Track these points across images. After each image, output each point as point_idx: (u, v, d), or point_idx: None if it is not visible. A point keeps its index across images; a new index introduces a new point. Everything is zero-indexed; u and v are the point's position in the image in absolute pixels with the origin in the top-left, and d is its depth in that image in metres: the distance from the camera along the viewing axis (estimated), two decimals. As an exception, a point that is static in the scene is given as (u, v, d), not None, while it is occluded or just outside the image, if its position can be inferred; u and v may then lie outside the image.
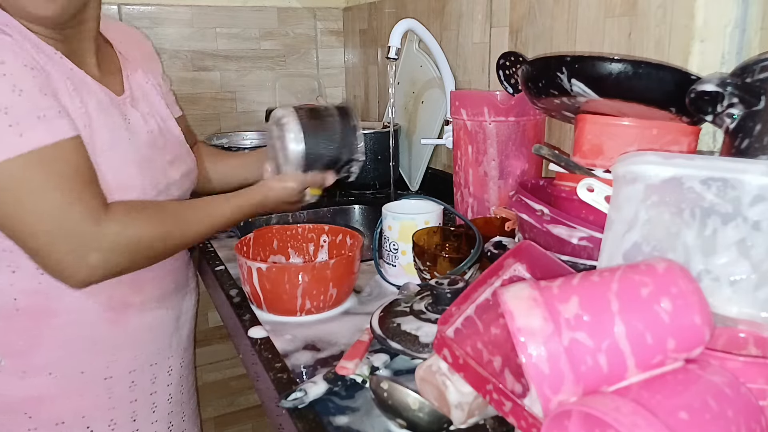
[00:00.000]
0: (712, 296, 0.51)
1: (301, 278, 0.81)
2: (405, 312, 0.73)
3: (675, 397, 0.42)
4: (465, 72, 1.34)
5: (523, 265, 0.63)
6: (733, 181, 0.52)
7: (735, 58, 0.78)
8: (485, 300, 0.60)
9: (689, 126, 0.72)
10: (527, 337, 0.44)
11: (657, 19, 0.85)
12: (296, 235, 1.01)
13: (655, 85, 0.69)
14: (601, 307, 0.45)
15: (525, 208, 0.72)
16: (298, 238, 1.01)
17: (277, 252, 1.00)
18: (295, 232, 1.01)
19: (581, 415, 0.45)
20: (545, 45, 1.08)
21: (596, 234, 0.65)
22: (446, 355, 0.55)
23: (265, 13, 1.88)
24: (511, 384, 0.53)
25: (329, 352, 0.74)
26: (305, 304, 0.83)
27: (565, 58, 0.72)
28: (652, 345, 0.44)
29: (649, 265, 0.47)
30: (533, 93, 0.80)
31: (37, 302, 0.82)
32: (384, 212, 0.96)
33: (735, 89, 0.60)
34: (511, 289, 0.48)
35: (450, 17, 1.38)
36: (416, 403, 0.56)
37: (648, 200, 0.56)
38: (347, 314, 0.85)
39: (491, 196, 1.04)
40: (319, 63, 2.01)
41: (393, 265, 0.95)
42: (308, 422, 0.59)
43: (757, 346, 0.52)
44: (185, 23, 1.79)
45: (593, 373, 0.44)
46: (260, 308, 0.85)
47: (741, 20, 0.77)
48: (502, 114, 1.00)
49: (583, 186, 0.66)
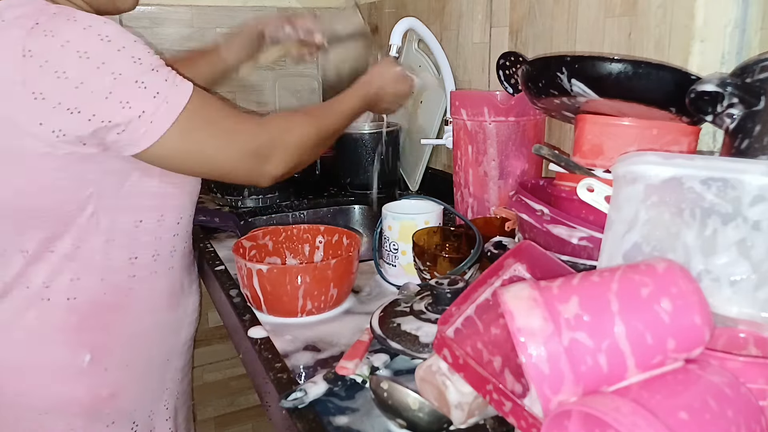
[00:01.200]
0: (712, 296, 0.51)
1: (303, 279, 0.81)
2: (405, 312, 0.73)
3: (675, 397, 0.42)
4: (465, 72, 1.34)
5: (523, 265, 0.63)
6: (733, 181, 0.52)
7: (735, 58, 0.78)
8: (485, 300, 0.60)
9: (689, 126, 0.72)
10: (527, 337, 0.44)
11: (657, 19, 0.85)
12: (291, 236, 1.00)
13: (655, 85, 0.69)
14: (601, 307, 0.45)
15: (525, 208, 0.72)
16: (293, 239, 1.01)
17: (273, 254, 0.99)
18: (290, 234, 1.00)
19: (581, 415, 0.45)
20: (545, 45, 1.08)
21: (596, 234, 0.65)
22: (446, 355, 0.55)
23: (265, 13, 1.88)
24: (511, 384, 0.53)
25: (329, 353, 0.74)
26: (306, 304, 0.83)
27: (565, 58, 0.72)
28: (652, 345, 0.44)
29: (649, 265, 0.47)
30: (533, 93, 0.80)
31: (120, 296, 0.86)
32: (384, 212, 0.96)
33: (735, 89, 0.60)
34: (511, 289, 0.48)
35: (450, 17, 1.38)
36: (416, 403, 0.56)
37: (648, 200, 0.56)
38: (347, 314, 0.85)
39: (491, 196, 1.04)
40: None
41: (393, 265, 0.95)
42: (308, 422, 0.59)
43: (757, 346, 0.52)
44: (185, 23, 1.79)
45: (593, 373, 0.44)
46: (260, 310, 0.85)
47: (741, 20, 0.77)
48: (502, 114, 1.00)
49: (583, 186, 0.66)
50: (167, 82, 0.74)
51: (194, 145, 0.77)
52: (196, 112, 0.76)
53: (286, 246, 1.00)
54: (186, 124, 0.75)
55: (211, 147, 0.79)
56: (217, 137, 0.79)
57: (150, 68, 0.73)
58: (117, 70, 0.70)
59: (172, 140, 0.75)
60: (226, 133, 0.79)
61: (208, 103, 0.79)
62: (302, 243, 1.01)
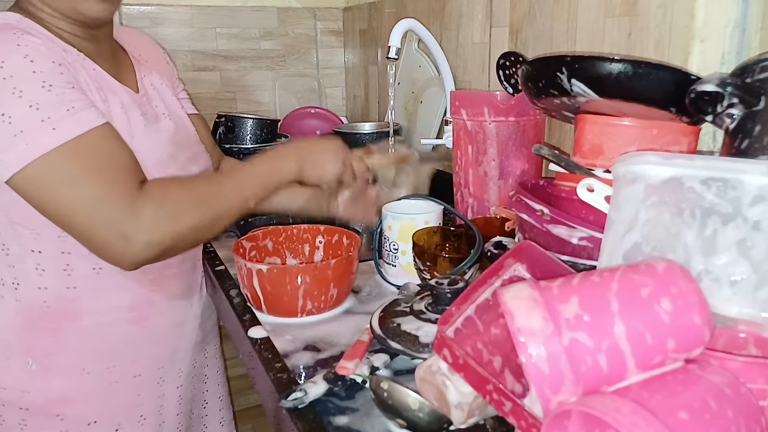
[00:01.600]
0: (712, 296, 0.51)
1: (303, 279, 0.81)
2: (405, 312, 0.73)
3: (675, 397, 0.42)
4: (465, 72, 1.34)
5: (523, 265, 0.63)
6: (733, 181, 0.52)
7: (735, 58, 0.78)
8: (485, 300, 0.60)
9: (689, 126, 0.72)
10: (527, 337, 0.44)
11: (657, 19, 0.85)
12: (291, 236, 1.00)
13: (655, 85, 0.69)
14: (601, 307, 0.45)
15: (525, 208, 0.72)
16: (293, 239, 1.00)
17: (273, 254, 0.99)
18: (291, 234, 1.00)
19: (581, 415, 0.45)
20: (545, 45, 1.08)
21: (596, 234, 0.65)
22: (446, 355, 0.55)
23: (265, 13, 1.88)
24: (511, 384, 0.53)
25: (329, 353, 0.74)
26: (306, 304, 0.83)
27: (565, 58, 0.72)
28: (652, 345, 0.44)
29: (649, 265, 0.47)
30: (533, 93, 0.80)
31: (65, 304, 0.85)
32: (384, 212, 0.96)
33: (735, 89, 0.60)
34: (511, 289, 0.48)
35: (450, 17, 1.38)
36: (416, 403, 0.56)
37: (648, 200, 0.56)
38: (347, 314, 0.85)
39: (491, 196, 1.04)
40: (319, 63, 2.01)
41: (393, 265, 0.95)
42: (308, 422, 0.59)
43: (757, 346, 0.52)
44: (185, 23, 1.79)
45: (593, 373, 0.44)
46: (260, 310, 0.85)
47: (741, 20, 0.77)
48: (502, 114, 1.00)
49: (583, 186, 0.66)
50: (43, 122, 0.69)
51: (50, 198, 0.71)
52: (65, 162, 0.70)
53: (286, 246, 1.00)
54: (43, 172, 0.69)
55: (75, 195, 0.70)
56: (77, 198, 0.70)
57: (28, 104, 0.69)
58: (19, 87, 0.69)
59: (23, 183, 0.70)
60: (91, 197, 0.70)
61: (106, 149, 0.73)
62: (302, 243, 1.01)
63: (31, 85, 0.69)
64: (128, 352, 0.92)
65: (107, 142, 0.74)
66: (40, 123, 0.69)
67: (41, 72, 0.71)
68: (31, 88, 0.69)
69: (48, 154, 0.69)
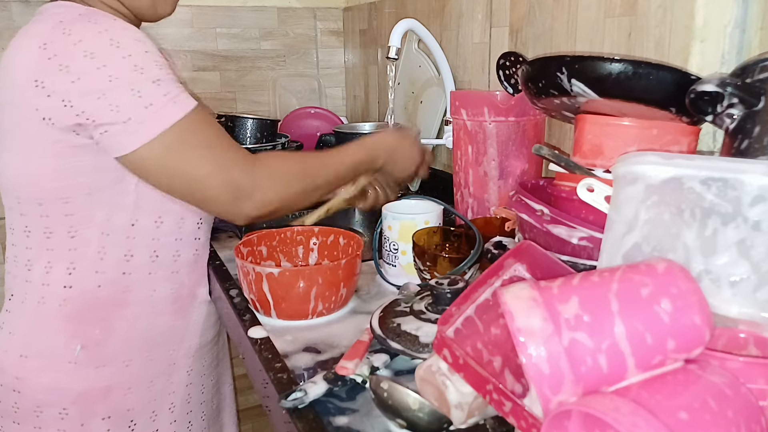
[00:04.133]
0: (712, 296, 0.51)
1: (316, 280, 0.80)
2: (405, 312, 0.73)
3: (675, 398, 0.42)
4: (465, 72, 1.34)
5: (523, 265, 0.63)
6: (733, 182, 0.52)
7: (735, 58, 0.78)
8: (485, 300, 0.60)
9: (689, 126, 0.72)
10: (527, 337, 0.44)
11: (657, 19, 0.85)
12: (285, 239, 0.98)
13: (655, 85, 0.69)
14: (601, 308, 0.45)
15: (525, 208, 0.72)
16: (286, 242, 0.99)
17: (267, 258, 0.97)
18: (284, 237, 0.98)
19: (581, 415, 0.45)
20: (545, 45, 1.08)
21: (596, 234, 0.65)
22: (446, 355, 0.55)
23: (265, 13, 1.88)
24: (511, 384, 0.53)
25: (330, 354, 0.74)
26: (318, 306, 0.82)
27: (565, 58, 0.72)
28: (652, 345, 0.44)
29: (649, 265, 0.47)
30: (533, 93, 0.80)
31: (116, 291, 0.88)
32: (384, 212, 0.96)
33: (735, 89, 0.60)
34: (511, 289, 0.48)
35: (450, 17, 1.38)
36: (416, 403, 0.56)
37: (648, 200, 0.56)
38: (348, 315, 0.85)
39: (491, 196, 1.04)
40: (319, 63, 2.01)
41: (393, 265, 0.95)
42: (308, 422, 0.59)
43: (757, 347, 0.52)
44: (185, 23, 1.79)
45: (593, 373, 0.44)
46: (268, 315, 0.83)
47: (741, 20, 0.77)
48: (502, 114, 1.00)
49: (583, 186, 0.66)
50: (166, 96, 0.75)
51: (177, 164, 0.77)
52: (191, 131, 0.77)
53: (280, 249, 0.99)
54: (174, 140, 0.76)
55: (195, 169, 0.77)
56: (204, 161, 0.77)
57: (151, 79, 0.74)
58: (115, 74, 0.73)
59: (153, 152, 0.75)
60: (215, 160, 0.78)
61: (206, 126, 0.79)
62: (296, 246, 0.99)
63: (148, 63, 0.75)
64: (167, 343, 0.95)
65: (210, 117, 0.82)
66: (163, 96, 0.75)
67: (151, 52, 0.77)
68: (149, 66, 0.75)
69: (178, 123, 0.75)
